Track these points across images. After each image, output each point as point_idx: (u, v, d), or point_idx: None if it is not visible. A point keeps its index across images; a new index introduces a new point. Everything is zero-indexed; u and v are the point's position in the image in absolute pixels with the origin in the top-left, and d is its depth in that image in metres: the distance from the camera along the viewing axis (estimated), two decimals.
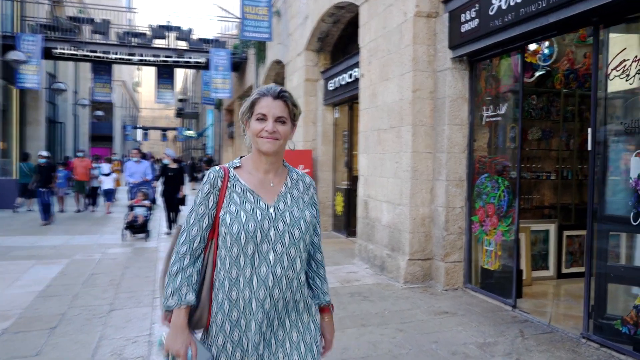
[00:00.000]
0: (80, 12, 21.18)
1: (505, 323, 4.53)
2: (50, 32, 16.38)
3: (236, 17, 17.54)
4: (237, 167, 1.70)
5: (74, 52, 16.07)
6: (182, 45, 17.94)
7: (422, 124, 5.82)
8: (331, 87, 9.55)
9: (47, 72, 19.08)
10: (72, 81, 24.11)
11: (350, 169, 9.59)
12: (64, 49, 15.92)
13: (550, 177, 6.49)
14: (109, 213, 13.23)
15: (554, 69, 6.31)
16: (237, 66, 17.77)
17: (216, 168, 1.68)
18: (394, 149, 6.19)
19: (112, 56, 16.63)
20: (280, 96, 1.64)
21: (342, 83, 8.93)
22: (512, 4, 4.62)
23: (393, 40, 6.21)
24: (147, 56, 17.03)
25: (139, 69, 52.33)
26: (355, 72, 8.20)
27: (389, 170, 6.32)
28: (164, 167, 9.93)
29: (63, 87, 17.45)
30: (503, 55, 5.33)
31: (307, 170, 9.55)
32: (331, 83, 9.54)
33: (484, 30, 5.04)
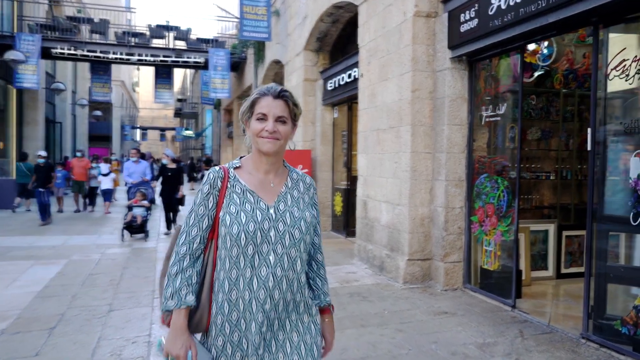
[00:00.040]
0: (79, 11, 21.15)
1: (504, 323, 4.53)
2: (48, 31, 16.36)
3: (235, 17, 17.55)
4: (237, 168, 1.68)
5: (72, 52, 16.03)
6: (181, 45, 17.92)
7: (422, 124, 5.82)
8: (330, 87, 9.54)
9: (46, 72, 19.03)
10: (70, 81, 24.06)
11: (349, 169, 9.58)
12: (62, 48, 15.88)
13: (550, 177, 6.49)
14: (108, 213, 13.20)
15: (553, 69, 6.31)
16: (236, 66, 17.76)
17: (216, 168, 1.66)
18: (393, 149, 6.18)
19: (110, 56, 16.60)
20: (281, 95, 1.62)
21: (341, 83, 8.93)
22: (511, 3, 4.62)
23: (392, 40, 6.20)
24: (146, 56, 17.00)
25: (138, 69, 52.27)
26: (354, 72, 8.20)
27: (388, 170, 6.32)
28: (163, 167, 9.91)
29: (62, 87, 17.41)
30: (502, 55, 5.33)
31: (305, 170, 9.54)
32: (330, 83, 9.53)
33: (484, 30, 5.03)
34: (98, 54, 16.44)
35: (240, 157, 1.73)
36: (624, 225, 3.86)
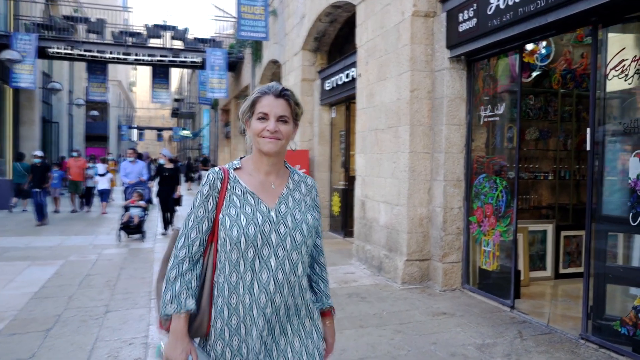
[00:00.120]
0: (75, 11, 21.06)
1: (503, 324, 4.52)
2: (45, 31, 16.29)
3: (232, 17, 17.51)
4: (237, 169, 1.64)
5: (69, 52, 15.97)
6: (178, 44, 17.87)
7: (420, 124, 5.81)
8: (328, 87, 9.52)
9: (42, 72, 18.96)
10: (67, 81, 23.98)
11: (347, 169, 9.56)
12: (59, 48, 15.82)
13: (548, 178, 6.49)
14: (105, 213, 13.15)
15: (551, 69, 6.31)
16: (234, 66, 17.72)
17: (215, 169, 1.62)
18: (391, 149, 6.17)
19: (107, 56, 16.54)
20: (283, 95, 1.59)
21: (339, 83, 8.91)
22: (510, 3, 4.61)
23: (390, 40, 6.19)
24: (143, 56, 16.95)
25: (135, 69, 52.18)
26: (352, 71, 8.18)
27: (386, 170, 6.30)
28: (160, 167, 9.88)
29: (58, 86, 17.35)
30: (501, 55, 5.32)
31: (303, 170, 9.47)
32: (328, 83, 9.51)
33: (482, 29, 5.02)
34: (95, 54, 16.38)
35: (241, 158, 1.68)
36: (623, 225, 3.86)
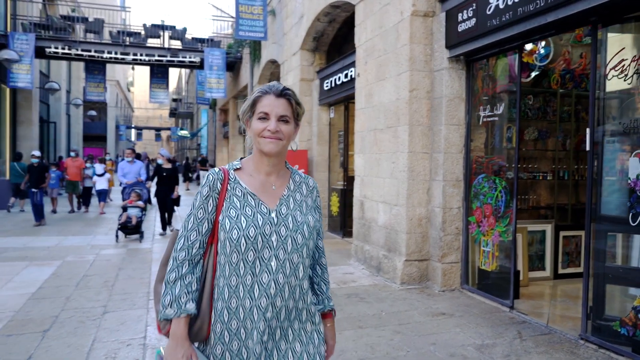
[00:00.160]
0: (73, 10, 21.01)
1: (503, 324, 4.51)
2: (42, 31, 16.22)
3: (231, 17, 17.49)
4: (237, 169, 1.61)
5: (67, 52, 15.92)
6: (176, 44, 17.84)
7: (419, 124, 5.80)
8: (327, 86, 9.50)
9: (40, 72, 18.90)
10: (65, 81, 23.92)
11: (345, 169, 9.55)
12: (56, 48, 15.76)
13: (547, 178, 6.49)
14: (103, 214, 13.12)
15: (550, 69, 6.31)
16: (232, 66, 17.69)
17: (215, 170, 1.59)
18: (390, 149, 6.16)
19: (105, 55, 16.49)
20: (284, 94, 1.57)
21: (338, 83, 8.89)
22: (509, 3, 4.60)
23: (389, 40, 6.17)
24: (141, 55, 16.90)
25: (133, 69, 52.08)
26: (351, 71, 8.17)
27: (385, 170, 6.29)
28: (158, 167, 9.85)
29: (56, 86, 17.28)
30: (500, 55, 5.31)
31: (302, 170, 9.49)
32: (327, 83, 9.49)
33: (481, 29, 5.01)
34: (92, 54, 16.33)
35: (241, 159, 1.66)
36: (622, 225, 3.85)
